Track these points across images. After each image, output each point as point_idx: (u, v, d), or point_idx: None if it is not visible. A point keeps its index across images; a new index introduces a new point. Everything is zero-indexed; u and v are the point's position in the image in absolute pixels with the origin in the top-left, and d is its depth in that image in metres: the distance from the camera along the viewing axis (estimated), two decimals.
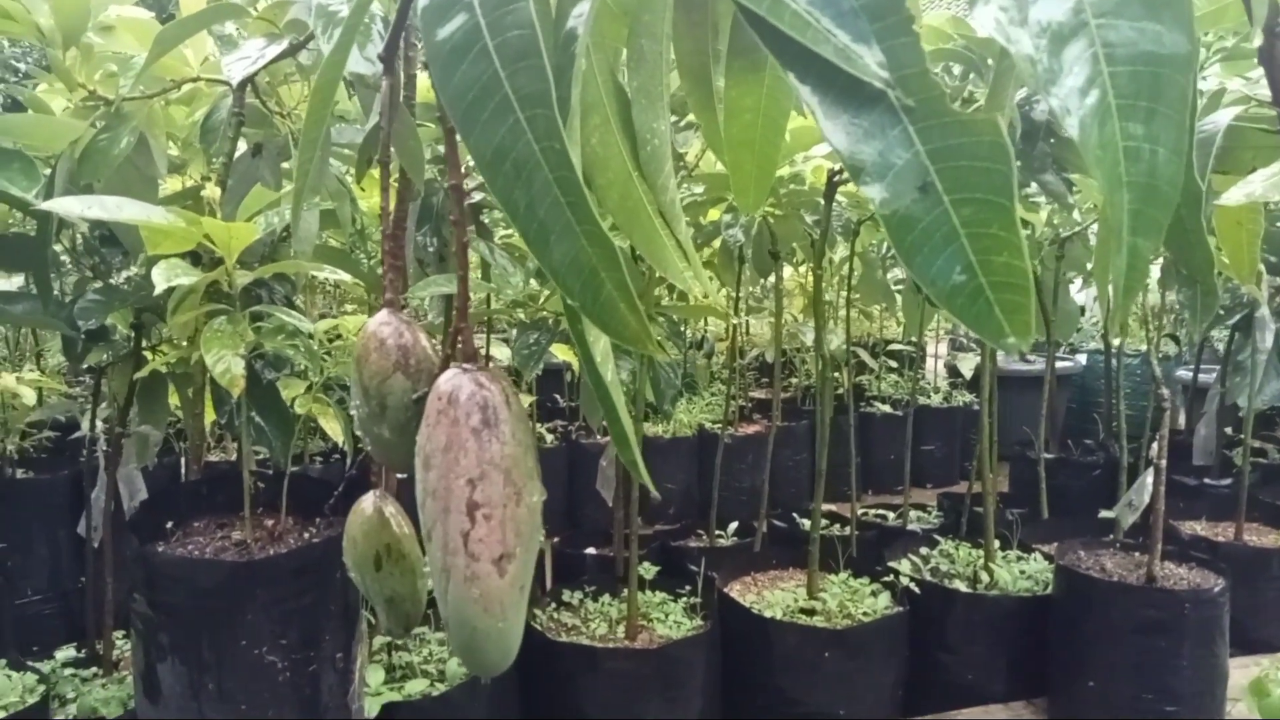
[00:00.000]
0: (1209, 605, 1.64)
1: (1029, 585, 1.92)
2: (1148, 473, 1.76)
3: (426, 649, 1.60)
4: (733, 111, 0.92)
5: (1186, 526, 2.35)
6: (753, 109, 0.94)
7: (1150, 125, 0.55)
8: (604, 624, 1.79)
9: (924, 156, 0.50)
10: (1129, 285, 0.58)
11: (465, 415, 0.64)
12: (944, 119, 0.50)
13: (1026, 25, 0.52)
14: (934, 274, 0.50)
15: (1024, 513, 2.63)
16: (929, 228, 0.50)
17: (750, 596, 1.94)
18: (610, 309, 0.57)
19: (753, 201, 1.32)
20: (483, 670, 0.67)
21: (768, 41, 0.52)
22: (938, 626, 1.87)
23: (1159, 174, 0.56)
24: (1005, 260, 0.50)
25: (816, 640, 1.73)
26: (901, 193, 0.50)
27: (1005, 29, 0.52)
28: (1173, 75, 0.55)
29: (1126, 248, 0.57)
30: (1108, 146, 0.53)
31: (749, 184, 1.07)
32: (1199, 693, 1.66)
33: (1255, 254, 1.19)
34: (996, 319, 0.51)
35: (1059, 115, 0.52)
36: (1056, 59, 0.52)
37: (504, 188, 0.58)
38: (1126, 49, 0.53)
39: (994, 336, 0.51)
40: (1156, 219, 0.57)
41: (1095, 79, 0.53)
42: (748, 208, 1.36)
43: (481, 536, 0.63)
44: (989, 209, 0.49)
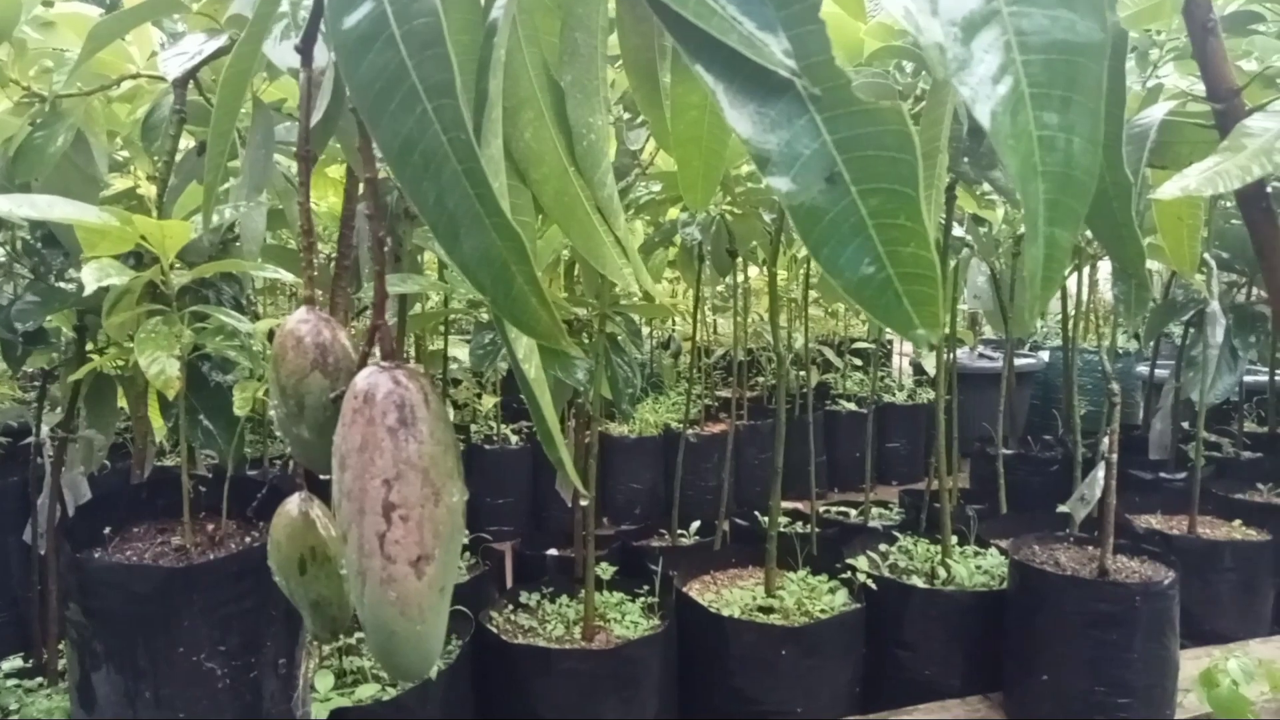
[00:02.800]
0: (1159, 598, 1.66)
1: (985, 580, 1.93)
2: (1099, 467, 1.77)
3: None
4: (679, 108, 0.91)
5: (1142, 520, 2.37)
6: (699, 105, 0.93)
7: (1066, 114, 0.54)
8: (561, 625, 1.78)
9: (831, 146, 0.49)
10: (1047, 275, 0.58)
11: (381, 414, 0.62)
12: (851, 108, 0.49)
13: (937, 13, 0.52)
14: (842, 265, 0.50)
15: (983, 508, 2.65)
16: (837, 219, 0.49)
17: (709, 595, 1.93)
18: (521, 304, 0.56)
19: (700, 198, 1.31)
20: (402, 675, 0.65)
21: (672, 30, 0.51)
22: (895, 623, 1.87)
23: (1075, 163, 0.55)
24: (913, 251, 0.49)
25: (773, 638, 1.73)
26: (809, 183, 0.49)
27: (915, 17, 0.51)
28: (1087, 64, 0.54)
29: (1043, 238, 0.57)
30: (1021, 136, 0.53)
31: (696, 181, 1.06)
32: (1150, 685, 1.67)
33: (1196, 248, 1.20)
34: (905, 310, 0.50)
35: (969, 104, 0.51)
36: (967, 47, 0.52)
37: (412, 180, 0.56)
38: (1040, 37, 0.53)
39: (903, 328, 0.51)
40: (1074, 208, 0.57)
41: (1008, 67, 0.52)
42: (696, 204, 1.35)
43: (398, 538, 0.61)
44: (896, 199, 0.49)
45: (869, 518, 2.66)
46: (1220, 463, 2.74)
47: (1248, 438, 3.01)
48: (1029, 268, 0.57)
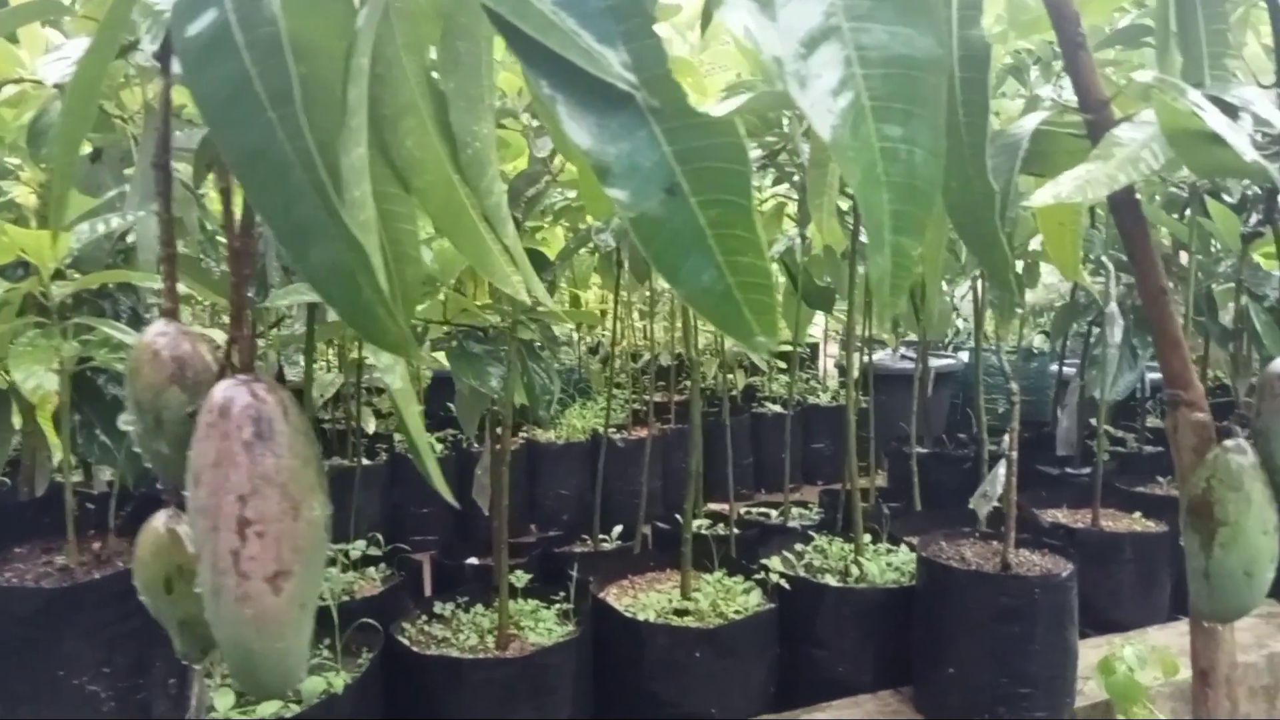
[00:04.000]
0: (1058, 590, 1.71)
1: (896, 577, 1.97)
2: (1000, 464, 1.83)
3: None
4: None
5: (1048, 514, 2.45)
6: None
7: (907, 126, 0.56)
8: (475, 635, 1.77)
9: (671, 158, 0.50)
10: (895, 283, 0.60)
11: (237, 428, 0.61)
12: (689, 120, 0.50)
13: (777, 28, 0.53)
14: (683, 276, 0.50)
15: (899, 506, 2.71)
16: (677, 229, 0.50)
17: (626, 599, 1.94)
18: (369, 315, 0.55)
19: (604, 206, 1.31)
20: (263, 693, 0.64)
21: (512, 43, 0.51)
22: (808, 621, 1.90)
23: (918, 174, 0.57)
24: (750, 260, 0.50)
25: (687, 641, 1.74)
26: (649, 195, 0.50)
27: (755, 33, 0.52)
28: (926, 78, 0.56)
29: (890, 247, 0.58)
30: (863, 148, 0.54)
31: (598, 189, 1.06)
32: (1051, 675, 1.72)
33: (1077, 253, 1.24)
34: (746, 319, 0.51)
35: (809, 116, 0.52)
36: (807, 61, 0.53)
37: (259, 189, 0.55)
38: (880, 52, 0.55)
39: (744, 336, 0.52)
40: (917, 217, 0.59)
41: (848, 81, 0.54)
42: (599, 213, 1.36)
43: (253, 554, 0.60)
44: (733, 210, 0.50)
45: (789, 518, 2.70)
46: (1123, 457, 2.84)
47: (1150, 433, 3.12)
48: (875, 276, 0.58)
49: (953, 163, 0.85)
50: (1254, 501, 1.02)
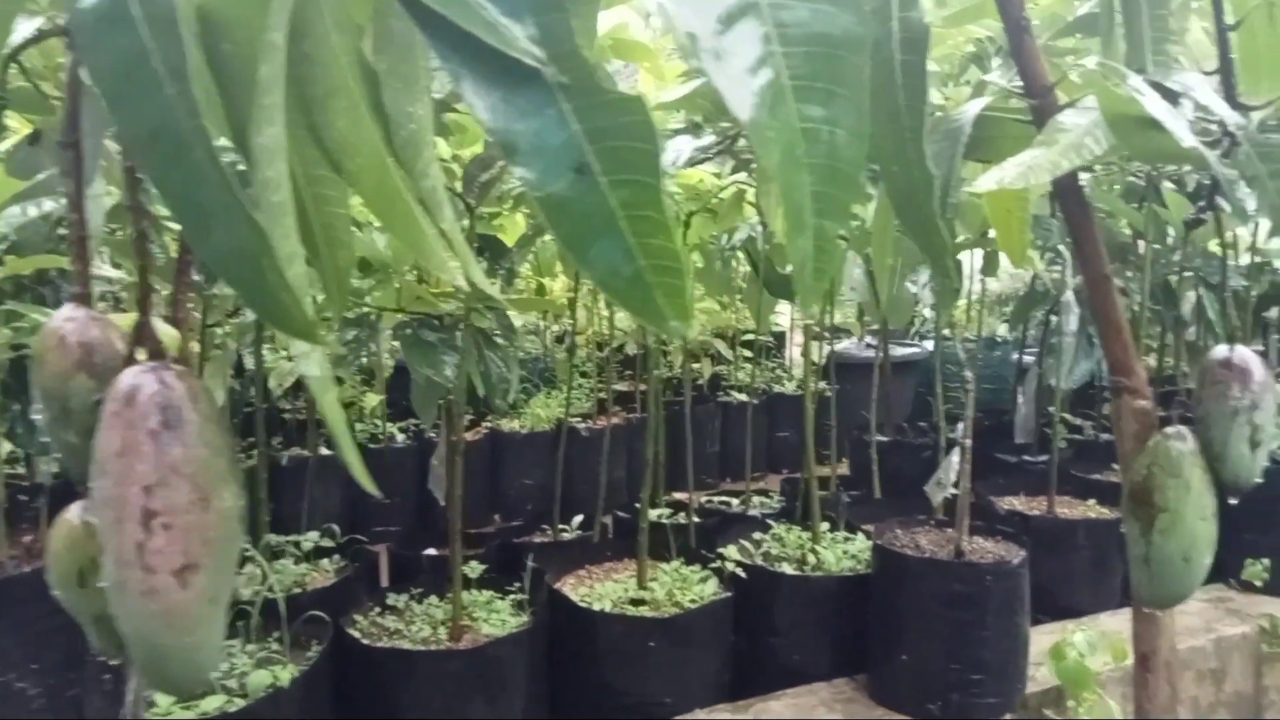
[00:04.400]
0: (1009, 577, 1.72)
1: (852, 565, 1.97)
2: (954, 452, 1.83)
3: (227, 662, 1.52)
4: None
5: (1005, 502, 2.46)
6: None
7: (830, 107, 0.54)
8: (428, 626, 1.75)
9: (581, 137, 0.48)
10: (819, 267, 0.58)
11: (142, 417, 0.59)
12: (599, 97, 0.48)
13: (691, 2, 0.51)
14: (594, 258, 0.49)
15: (859, 494, 2.72)
16: (588, 211, 0.48)
17: (583, 589, 1.93)
18: (272, 299, 0.53)
19: None
20: (173, 690, 0.62)
21: (414, 15, 0.49)
22: (765, 609, 1.90)
23: (840, 156, 0.56)
24: (661, 243, 0.49)
25: (642, 630, 1.73)
26: (557, 174, 0.48)
27: (666, 6, 0.51)
28: (848, 57, 0.55)
29: (812, 230, 0.57)
30: (783, 129, 0.53)
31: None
32: (1003, 661, 1.74)
33: (1025, 239, 1.24)
34: (657, 304, 0.50)
35: (725, 96, 0.51)
36: (723, 38, 0.51)
37: (159, 169, 0.53)
38: (801, 29, 0.53)
39: (656, 321, 0.50)
40: (841, 200, 0.57)
41: (767, 59, 0.52)
42: None
43: (159, 547, 0.58)
44: (644, 191, 0.48)
45: (750, 507, 2.70)
46: (1081, 445, 2.87)
47: (1107, 420, 3.16)
48: (797, 259, 0.57)
49: (893, 147, 0.84)
50: (1193, 488, 1.03)
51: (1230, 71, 1.01)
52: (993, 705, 1.72)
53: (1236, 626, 2.17)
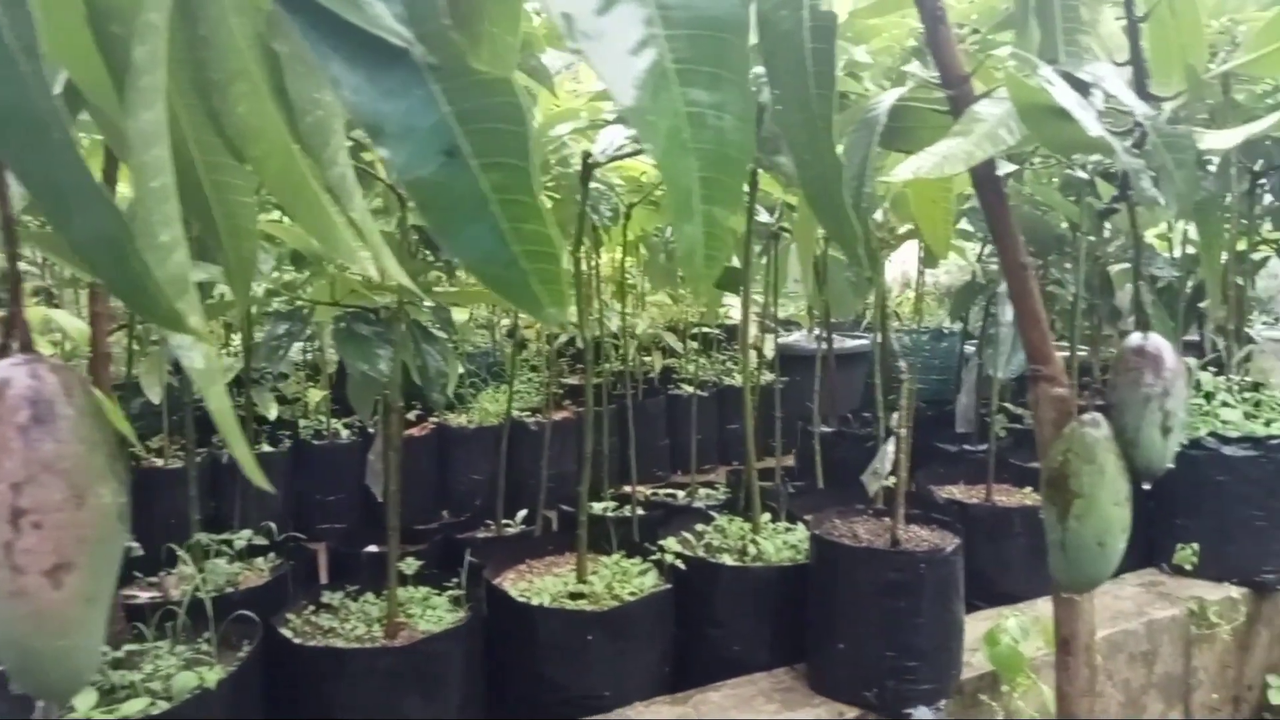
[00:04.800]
0: (943, 564, 1.74)
1: (791, 555, 1.98)
2: (889, 441, 1.85)
3: (152, 664, 1.48)
4: None
5: (945, 490, 2.50)
6: None
7: (716, 91, 0.54)
8: (362, 624, 1.72)
9: (451, 119, 0.47)
10: (710, 254, 0.58)
11: (11, 412, 0.56)
12: (468, 78, 0.47)
13: None
14: (465, 243, 0.48)
15: (803, 485, 2.74)
16: (459, 195, 0.47)
17: (522, 584, 1.91)
18: (136, 287, 0.51)
19: None
20: (46, 694, 0.60)
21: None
22: (705, 601, 1.90)
23: (728, 140, 0.55)
24: (534, 228, 0.48)
25: (580, 624, 1.72)
26: (427, 157, 0.47)
27: None
28: (733, 40, 0.54)
29: (701, 216, 0.56)
30: (666, 112, 0.52)
31: None
32: (937, 647, 1.76)
33: (949, 228, 1.25)
34: (533, 290, 0.49)
35: (603, 78, 0.50)
36: (601, 19, 0.50)
37: (15, 151, 0.51)
38: (684, 11, 0.52)
39: (532, 308, 0.49)
40: (731, 186, 0.57)
41: (649, 41, 0.51)
42: None
43: (29, 546, 0.56)
44: (515, 175, 0.47)
45: (695, 498, 2.70)
46: (1019, 434, 2.91)
47: None
48: (686, 246, 0.56)
49: (804, 136, 0.84)
50: (1107, 473, 1.05)
51: (1141, 62, 1.03)
52: (928, 692, 1.74)
53: (1167, 609, 2.22)
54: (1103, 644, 2.07)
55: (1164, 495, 2.45)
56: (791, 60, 0.84)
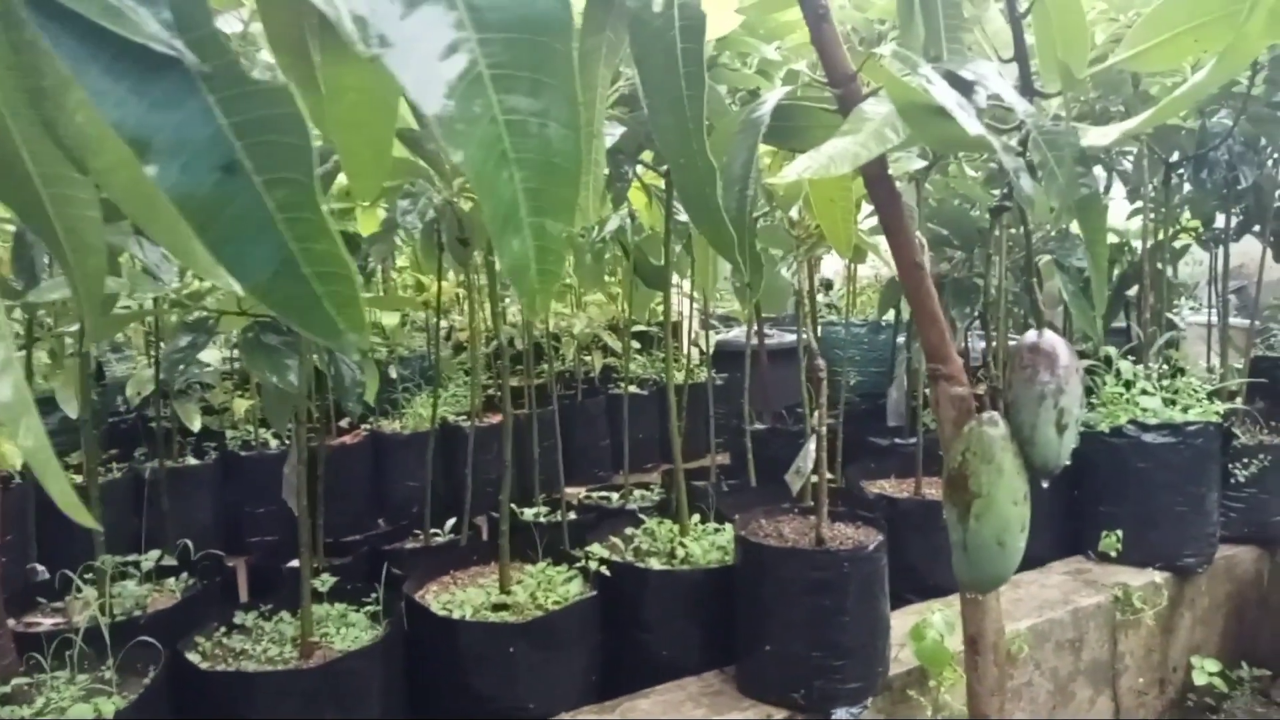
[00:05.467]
0: (867, 562, 1.74)
1: (720, 556, 1.96)
2: (810, 440, 1.84)
3: (46, 697, 1.42)
4: (335, 91, 0.83)
5: (876, 485, 2.50)
6: (357, 88, 0.85)
7: (539, 98, 0.51)
8: (276, 645, 1.67)
9: (228, 131, 0.43)
10: (543, 268, 0.55)
11: None
12: (245, 88, 0.43)
13: None
14: (250, 265, 0.44)
15: (736, 483, 2.73)
16: (241, 213, 0.43)
17: (445, 596, 1.87)
18: None
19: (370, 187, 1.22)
20: None
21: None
22: (633, 606, 1.88)
23: (555, 149, 0.52)
24: (324, 248, 0.44)
25: (503, 635, 1.69)
26: (202, 172, 0.43)
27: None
28: (554, 44, 0.51)
29: (530, 229, 0.53)
30: (479, 120, 0.49)
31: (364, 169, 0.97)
32: (863, 645, 1.75)
33: (850, 227, 1.23)
34: (327, 313, 0.45)
35: (405, 86, 0.47)
36: (404, 22, 0.47)
37: None
38: (498, 14, 0.49)
39: (328, 333, 0.46)
40: (564, 197, 0.54)
41: (459, 46, 0.48)
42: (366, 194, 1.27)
43: None
44: (300, 190, 0.43)
45: (628, 500, 2.68)
46: None
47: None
48: (515, 261, 0.53)
49: (677, 139, 0.81)
50: (1005, 472, 1.04)
51: (1025, 59, 1.02)
52: (855, 690, 1.73)
53: (1092, 597, 2.25)
54: (1030, 634, 2.09)
55: (1088, 483, 2.49)
56: (662, 61, 0.82)
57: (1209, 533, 2.42)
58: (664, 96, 0.81)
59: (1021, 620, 2.12)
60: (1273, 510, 2.59)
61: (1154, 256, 3.10)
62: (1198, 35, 0.94)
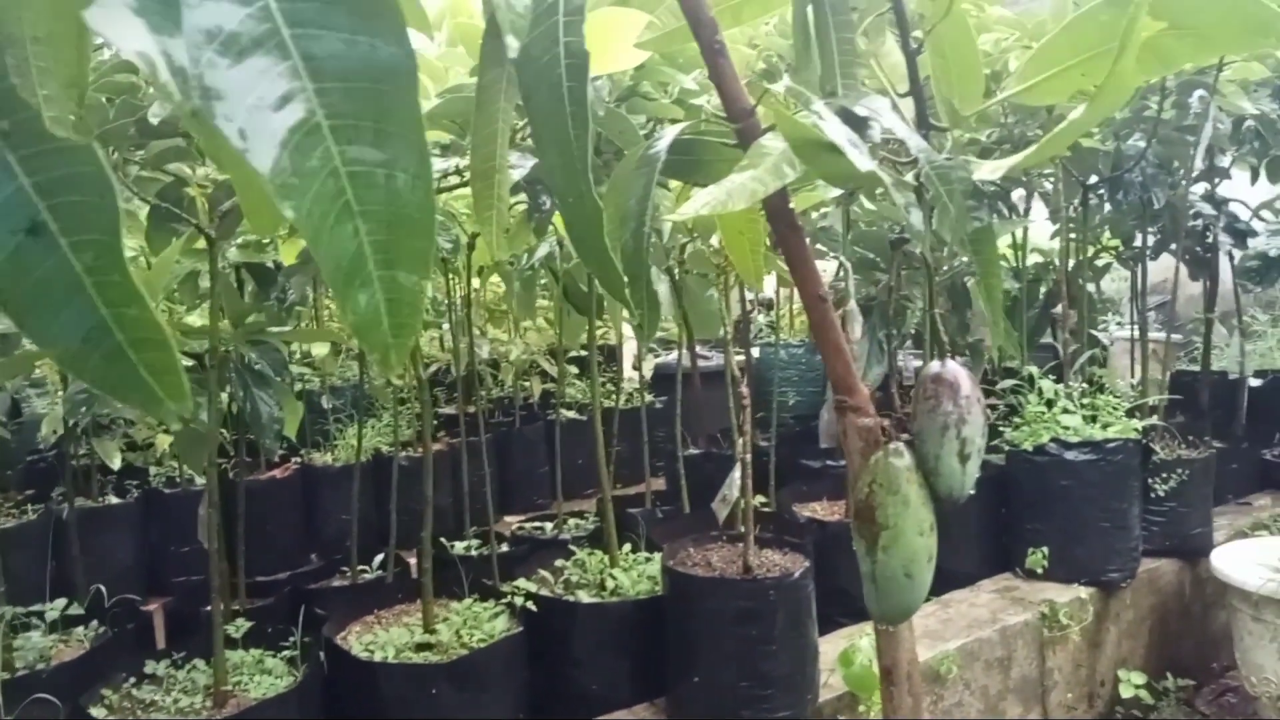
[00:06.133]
0: (793, 589, 1.73)
1: (649, 587, 1.95)
2: (735, 468, 1.84)
3: None
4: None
5: (808, 508, 2.51)
6: None
7: (385, 148, 0.49)
8: (187, 695, 1.61)
9: (31, 191, 0.41)
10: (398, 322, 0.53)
11: None
12: (47, 145, 0.41)
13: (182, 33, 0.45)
14: (56, 334, 0.41)
15: (670, 509, 2.72)
16: (48, 277, 0.41)
17: (368, 637, 1.82)
18: None
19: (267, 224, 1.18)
20: None
21: None
22: (561, 641, 1.85)
23: (403, 200, 0.50)
24: (137, 313, 0.42)
25: (423, 677, 1.65)
26: (3, 236, 0.41)
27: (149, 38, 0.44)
28: (398, 92, 0.49)
29: (380, 283, 0.51)
30: (317, 174, 0.47)
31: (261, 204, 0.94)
32: (791, 672, 1.74)
33: (759, 259, 1.23)
34: (145, 383, 0.43)
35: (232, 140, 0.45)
36: (231, 72, 0.45)
37: None
38: (336, 63, 0.47)
39: (147, 403, 0.43)
40: (416, 248, 0.52)
41: (294, 95, 0.46)
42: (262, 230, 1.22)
43: None
44: (107, 253, 0.41)
45: (563, 530, 2.65)
46: None
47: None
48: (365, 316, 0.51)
49: (565, 179, 0.80)
50: (911, 503, 1.04)
51: (921, 93, 1.03)
52: (783, 719, 1.72)
53: (1020, 614, 2.27)
54: (959, 653, 2.11)
55: (1015, 501, 2.53)
56: (549, 99, 0.80)
57: (1131, 547, 2.46)
58: (551, 135, 0.80)
59: (951, 640, 2.13)
60: (1192, 523, 2.65)
61: (1076, 275, 3.18)
62: (1084, 69, 0.96)
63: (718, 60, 0.99)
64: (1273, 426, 3.56)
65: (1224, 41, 0.88)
